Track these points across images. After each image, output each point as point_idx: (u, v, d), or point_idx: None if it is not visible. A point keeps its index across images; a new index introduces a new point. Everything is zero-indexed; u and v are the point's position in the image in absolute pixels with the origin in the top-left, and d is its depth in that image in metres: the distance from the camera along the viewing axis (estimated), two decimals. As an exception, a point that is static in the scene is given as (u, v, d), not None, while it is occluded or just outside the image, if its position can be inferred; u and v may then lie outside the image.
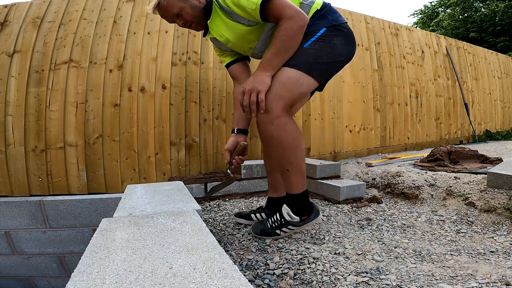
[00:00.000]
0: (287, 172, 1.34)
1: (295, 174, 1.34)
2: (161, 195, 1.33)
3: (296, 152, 1.33)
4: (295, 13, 1.24)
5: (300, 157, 1.34)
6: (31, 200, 1.95)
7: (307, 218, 1.38)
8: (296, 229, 1.40)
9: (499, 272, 1.07)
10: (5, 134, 2.05)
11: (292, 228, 1.39)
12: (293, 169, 1.33)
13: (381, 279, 1.07)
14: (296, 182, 1.35)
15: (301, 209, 1.38)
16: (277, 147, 1.32)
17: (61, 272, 2.04)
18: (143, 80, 2.22)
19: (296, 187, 1.36)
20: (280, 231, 1.40)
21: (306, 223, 1.39)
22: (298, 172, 1.35)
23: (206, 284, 0.58)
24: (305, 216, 1.38)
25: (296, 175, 1.34)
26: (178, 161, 2.28)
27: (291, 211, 1.38)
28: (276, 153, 1.35)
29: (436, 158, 2.40)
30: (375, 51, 3.26)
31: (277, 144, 1.31)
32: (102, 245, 0.77)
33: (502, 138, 4.63)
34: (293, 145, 1.32)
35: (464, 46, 4.51)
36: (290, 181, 1.36)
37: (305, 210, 1.39)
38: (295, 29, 1.26)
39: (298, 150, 1.33)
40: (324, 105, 2.87)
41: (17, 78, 2.08)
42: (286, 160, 1.33)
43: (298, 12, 1.25)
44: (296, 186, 1.36)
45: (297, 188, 1.36)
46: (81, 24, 2.19)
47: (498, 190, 1.68)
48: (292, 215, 1.37)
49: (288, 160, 1.33)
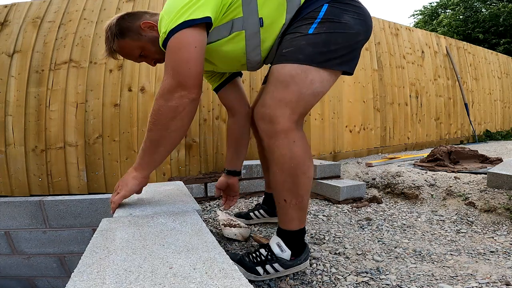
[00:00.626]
0: (284, 203, 1.04)
1: (294, 208, 1.04)
2: (161, 195, 1.33)
3: (300, 180, 1.02)
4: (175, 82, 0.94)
5: (303, 188, 1.03)
6: (31, 200, 1.95)
7: (296, 259, 1.08)
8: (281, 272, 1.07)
9: (499, 272, 1.07)
10: (5, 134, 2.05)
11: (277, 269, 1.06)
12: (292, 201, 1.03)
13: (381, 279, 1.07)
14: (293, 217, 1.05)
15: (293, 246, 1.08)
16: (277, 167, 1.02)
17: (61, 272, 2.04)
18: (143, 80, 2.22)
19: (291, 223, 1.06)
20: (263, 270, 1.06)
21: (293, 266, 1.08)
22: (297, 207, 1.04)
23: (206, 284, 0.58)
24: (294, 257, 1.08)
25: (294, 209, 1.04)
26: (178, 161, 2.28)
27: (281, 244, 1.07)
28: (274, 175, 1.05)
29: (436, 158, 2.40)
30: (375, 51, 3.26)
31: (278, 164, 1.02)
32: (102, 245, 0.77)
33: (502, 138, 4.63)
34: (298, 172, 1.01)
35: (464, 46, 4.51)
36: (285, 214, 1.06)
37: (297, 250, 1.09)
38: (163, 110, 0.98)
39: (302, 178, 1.02)
40: (324, 105, 2.86)
41: (17, 78, 2.08)
42: (286, 187, 1.02)
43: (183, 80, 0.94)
44: (291, 222, 1.06)
45: (293, 225, 1.06)
46: (81, 24, 2.19)
47: (498, 190, 1.68)
48: (283, 247, 1.07)
49: (287, 188, 1.02)
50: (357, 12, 1.05)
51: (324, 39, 1.00)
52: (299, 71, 0.99)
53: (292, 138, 0.99)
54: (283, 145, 0.99)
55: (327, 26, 1.01)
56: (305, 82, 0.99)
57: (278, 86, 1.00)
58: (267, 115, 1.00)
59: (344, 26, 1.02)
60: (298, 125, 1.02)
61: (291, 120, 0.99)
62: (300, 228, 1.08)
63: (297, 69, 0.99)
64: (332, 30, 1.01)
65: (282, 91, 0.99)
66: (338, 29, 1.01)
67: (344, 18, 1.02)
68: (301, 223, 1.08)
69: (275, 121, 0.98)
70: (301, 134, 1.02)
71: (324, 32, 1.00)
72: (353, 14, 1.04)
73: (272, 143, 1.00)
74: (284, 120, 0.98)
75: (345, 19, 1.02)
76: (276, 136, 0.99)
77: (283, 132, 0.98)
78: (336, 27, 1.01)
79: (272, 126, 0.99)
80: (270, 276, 1.09)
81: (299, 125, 1.02)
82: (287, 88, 0.99)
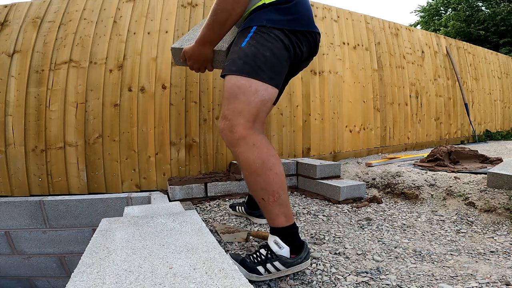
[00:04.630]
0: (264, 202, 1.12)
1: (273, 205, 1.11)
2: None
3: (269, 178, 1.10)
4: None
5: (275, 184, 1.10)
6: (31, 200, 1.95)
7: (296, 257, 1.11)
8: (283, 271, 1.10)
9: (499, 272, 1.07)
10: (5, 134, 2.05)
11: (277, 267, 1.09)
12: (270, 198, 1.10)
13: (381, 279, 1.07)
14: (276, 213, 1.12)
15: (289, 242, 1.12)
16: (245, 171, 1.11)
17: (61, 272, 2.04)
18: (143, 80, 2.22)
19: (278, 219, 1.12)
20: (264, 269, 1.10)
21: (294, 265, 1.10)
22: (276, 203, 1.11)
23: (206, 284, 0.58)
24: (294, 255, 1.11)
25: (274, 205, 1.11)
26: (178, 161, 2.28)
27: (277, 242, 1.11)
28: (246, 179, 1.14)
29: (436, 158, 2.40)
30: (375, 51, 3.26)
31: (245, 168, 1.11)
32: (102, 245, 0.77)
33: (502, 138, 4.63)
34: (265, 170, 1.09)
35: (464, 46, 4.51)
36: (269, 212, 1.13)
37: (295, 246, 1.12)
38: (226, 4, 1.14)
39: (271, 174, 1.09)
40: (324, 105, 2.87)
41: (17, 78, 2.08)
42: (259, 187, 1.11)
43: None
44: (278, 219, 1.12)
45: (280, 221, 1.12)
46: (81, 24, 2.19)
47: (498, 190, 1.68)
48: (280, 243, 1.11)
49: (261, 188, 1.11)
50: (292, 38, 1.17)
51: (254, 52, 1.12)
52: (243, 81, 1.10)
53: (251, 142, 1.08)
54: (244, 150, 1.08)
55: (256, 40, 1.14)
56: (250, 91, 1.10)
57: (230, 98, 1.11)
58: (226, 127, 1.10)
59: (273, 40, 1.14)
60: (256, 130, 1.11)
61: (246, 127, 1.09)
62: (289, 224, 1.13)
63: (241, 80, 1.10)
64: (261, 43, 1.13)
65: (234, 102, 1.10)
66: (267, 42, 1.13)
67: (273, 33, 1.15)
68: (288, 219, 1.13)
69: (233, 131, 1.09)
70: (260, 137, 1.11)
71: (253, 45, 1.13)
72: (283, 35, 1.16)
73: (235, 150, 1.11)
74: (240, 128, 1.08)
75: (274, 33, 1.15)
76: (237, 143, 1.09)
77: (241, 139, 1.08)
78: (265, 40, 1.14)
79: (232, 135, 1.09)
80: (271, 276, 1.11)
81: (256, 129, 1.12)
82: (237, 98, 1.10)
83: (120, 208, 2.00)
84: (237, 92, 1.10)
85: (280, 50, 1.16)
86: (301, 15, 1.22)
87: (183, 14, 2.37)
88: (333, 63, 2.94)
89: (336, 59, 2.96)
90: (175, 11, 2.35)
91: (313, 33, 1.27)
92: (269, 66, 1.14)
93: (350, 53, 3.07)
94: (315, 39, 1.29)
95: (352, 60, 3.08)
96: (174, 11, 2.34)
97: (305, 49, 1.26)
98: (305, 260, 1.12)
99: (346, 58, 3.04)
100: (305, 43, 1.24)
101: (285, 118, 2.65)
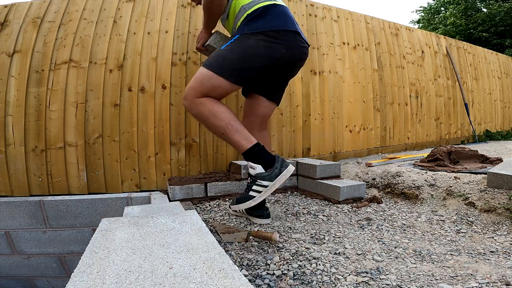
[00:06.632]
0: (224, 135, 1.47)
1: (231, 133, 1.44)
2: None
3: (218, 116, 1.45)
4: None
5: (224, 119, 1.45)
6: (31, 200, 1.95)
7: (272, 169, 1.40)
8: (267, 185, 1.34)
9: (499, 272, 1.07)
10: (5, 134, 2.05)
11: (263, 184, 1.38)
12: (226, 130, 1.45)
13: (381, 279, 1.07)
14: (238, 139, 1.45)
15: (259, 160, 1.42)
16: (202, 121, 1.52)
17: (61, 272, 2.04)
18: (143, 80, 2.22)
19: (241, 144, 1.45)
20: (254, 192, 1.40)
21: (277, 177, 1.37)
22: (233, 131, 1.44)
23: (206, 284, 0.58)
24: (270, 169, 1.41)
25: (232, 133, 1.44)
26: (178, 161, 2.28)
27: (251, 161, 1.44)
28: (206, 127, 1.55)
29: (436, 158, 2.40)
30: (375, 51, 3.26)
31: (201, 119, 1.51)
32: (102, 245, 0.77)
33: (502, 138, 4.63)
34: (212, 112, 1.46)
35: (464, 46, 4.51)
36: (233, 141, 1.46)
37: (265, 163, 1.41)
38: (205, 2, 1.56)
39: (218, 113, 1.45)
40: (324, 105, 2.87)
41: (17, 78, 2.08)
42: (215, 126, 1.47)
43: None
44: (241, 144, 1.45)
45: (243, 145, 1.44)
46: (81, 24, 2.19)
47: (498, 190, 1.68)
48: (253, 165, 1.43)
49: (216, 125, 1.46)
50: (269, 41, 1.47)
51: (224, 54, 1.51)
52: (204, 71, 1.51)
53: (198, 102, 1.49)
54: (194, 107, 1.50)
55: (232, 45, 1.50)
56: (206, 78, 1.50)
57: (192, 79, 1.54)
58: (183, 97, 1.54)
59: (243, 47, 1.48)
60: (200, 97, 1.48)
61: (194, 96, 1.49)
62: (251, 145, 1.44)
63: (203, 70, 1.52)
64: (233, 48, 1.50)
65: (193, 82, 1.53)
66: (238, 48, 1.49)
67: (248, 42, 1.47)
68: (249, 141, 1.45)
69: (186, 98, 1.53)
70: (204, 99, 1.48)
71: (228, 49, 1.51)
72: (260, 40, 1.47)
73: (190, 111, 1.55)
74: (190, 96, 1.51)
75: (248, 42, 1.47)
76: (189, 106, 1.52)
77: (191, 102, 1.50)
78: (237, 46, 1.49)
79: (185, 101, 1.54)
80: (264, 194, 1.37)
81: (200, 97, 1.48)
82: (195, 81, 1.52)
83: (120, 208, 2.00)
84: (198, 76, 1.52)
85: (257, 50, 1.46)
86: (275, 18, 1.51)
87: (183, 14, 2.37)
88: (333, 63, 2.94)
89: (336, 59, 2.96)
90: (175, 11, 2.35)
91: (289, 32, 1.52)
92: (231, 66, 1.48)
93: (350, 53, 3.07)
94: (294, 37, 1.54)
95: (352, 60, 3.08)
96: (174, 11, 2.34)
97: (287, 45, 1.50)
98: (282, 168, 1.40)
99: (346, 58, 3.04)
100: (285, 41, 1.50)
101: (285, 118, 2.65)
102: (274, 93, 1.76)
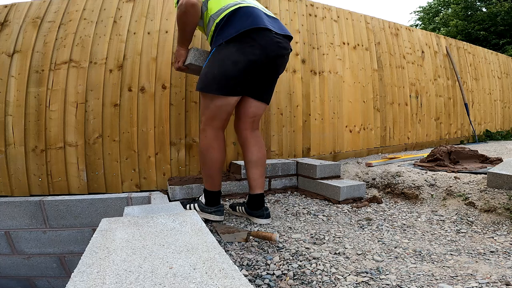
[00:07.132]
0: (202, 171, 1.72)
1: (204, 174, 1.71)
2: None
3: (205, 157, 1.65)
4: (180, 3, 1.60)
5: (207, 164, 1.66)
6: (31, 200, 1.95)
7: (205, 208, 1.70)
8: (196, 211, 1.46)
9: (499, 272, 1.07)
10: (5, 134, 2.05)
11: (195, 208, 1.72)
12: (203, 171, 1.71)
13: (381, 279, 1.07)
14: (206, 180, 1.70)
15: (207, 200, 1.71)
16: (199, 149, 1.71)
17: (61, 272, 2.04)
18: (143, 80, 2.22)
19: (206, 183, 1.71)
20: (188, 206, 1.74)
21: (203, 212, 1.70)
22: (206, 174, 1.69)
23: (206, 284, 0.58)
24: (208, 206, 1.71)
25: (206, 176, 1.70)
26: (178, 161, 2.28)
27: (203, 196, 1.73)
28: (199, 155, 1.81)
29: (436, 158, 2.40)
30: (375, 51, 3.26)
31: (199, 147, 1.70)
32: (102, 245, 0.77)
33: (502, 138, 4.62)
34: (203, 151, 1.65)
35: (464, 46, 4.51)
36: (203, 177, 1.73)
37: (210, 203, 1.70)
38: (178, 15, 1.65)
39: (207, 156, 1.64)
40: (324, 105, 2.87)
41: (17, 78, 2.08)
42: (201, 161, 1.70)
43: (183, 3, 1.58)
44: (206, 183, 1.71)
45: (206, 185, 1.71)
46: (81, 24, 2.19)
47: (498, 190, 1.68)
48: (202, 197, 1.74)
49: (202, 162, 1.69)
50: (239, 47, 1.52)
51: (206, 71, 1.61)
52: (202, 96, 1.68)
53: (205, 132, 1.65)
54: (202, 134, 1.67)
55: (211, 61, 1.60)
56: (207, 99, 1.63)
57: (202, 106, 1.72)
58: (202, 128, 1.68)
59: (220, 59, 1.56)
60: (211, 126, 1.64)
61: (205, 124, 1.65)
62: (211, 190, 1.70)
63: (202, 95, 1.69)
64: (212, 64, 1.59)
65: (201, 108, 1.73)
66: (216, 62, 1.57)
67: (222, 53, 1.56)
68: (212, 187, 1.69)
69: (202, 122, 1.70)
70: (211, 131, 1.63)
71: (208, 66, 1.61)
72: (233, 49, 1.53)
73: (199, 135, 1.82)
74: (203, 123, 1.67)
75: (222, 54, 1.56)
76: (201, 131, 1.68)
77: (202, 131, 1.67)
78: (215, 61, 1.58)
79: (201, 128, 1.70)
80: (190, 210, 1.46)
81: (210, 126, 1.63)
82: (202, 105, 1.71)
83: (120, 208, 2.00)
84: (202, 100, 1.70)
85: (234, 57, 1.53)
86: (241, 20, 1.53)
87: (183, 14, 2.36)
88: (333, 63, 2.94)
89: (336, 59, 2.96)
90: (175, 11, 2.34)
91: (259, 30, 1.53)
92: (217, 81, 1.57)
93: (350, 53, 3.07)
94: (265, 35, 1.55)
95: (352, 60, 3.08)
96: (174, 11, 2.34)
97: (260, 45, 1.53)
98: (213, 214, 1.69)
99: (346, 58, 3.04)
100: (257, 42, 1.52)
101: (285, 118, 2.65)
102: (262, 93, 1.74)
